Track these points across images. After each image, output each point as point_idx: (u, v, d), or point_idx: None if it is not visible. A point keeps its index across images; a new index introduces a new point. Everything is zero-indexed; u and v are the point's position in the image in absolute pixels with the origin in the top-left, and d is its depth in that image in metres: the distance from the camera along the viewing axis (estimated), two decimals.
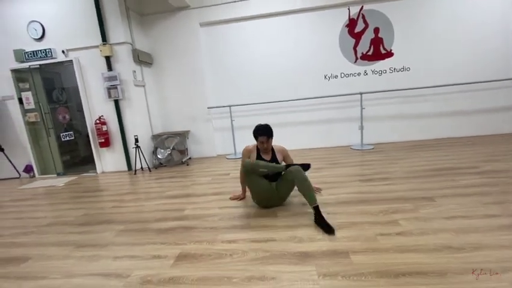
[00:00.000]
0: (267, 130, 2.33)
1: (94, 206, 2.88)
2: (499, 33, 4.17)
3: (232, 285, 1.42)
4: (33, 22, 4.20)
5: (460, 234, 1.69)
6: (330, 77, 4.55)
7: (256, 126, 2.38)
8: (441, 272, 1.36)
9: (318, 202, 2.05)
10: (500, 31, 4.16)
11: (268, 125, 2.38)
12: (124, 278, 1.57)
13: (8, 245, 2.16)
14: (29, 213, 2.89)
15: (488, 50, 4.22)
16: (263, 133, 2.31)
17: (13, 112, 4.54)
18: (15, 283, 1.63)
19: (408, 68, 4.39)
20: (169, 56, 4.76)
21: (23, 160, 4.68)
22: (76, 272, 1.68)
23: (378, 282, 1.34)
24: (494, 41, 4.19)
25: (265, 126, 2.35)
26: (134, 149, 4.21)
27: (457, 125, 4.47)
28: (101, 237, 2.12)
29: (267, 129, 2.34)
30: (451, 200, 2.18)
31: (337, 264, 1.51)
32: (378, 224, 1.91)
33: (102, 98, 4.30)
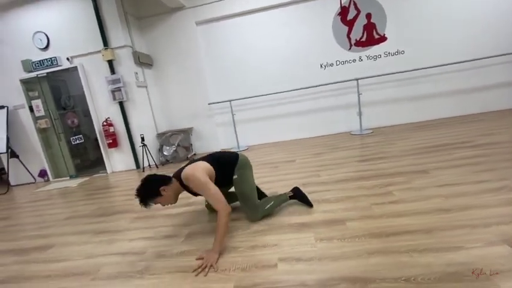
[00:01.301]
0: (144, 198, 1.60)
1: (107, 201, 3.06)
2: (492, 10, 4.19)
3: (238, 253, 1.56)
4: (38, 33, 4.39)
5: (449, 198, 1.80)
6: (326, 66, 4.65)
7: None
8: (428, 230, 1.48)
9: (317, 182, 2.17)
10: (493, 8, 4.18)
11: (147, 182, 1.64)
12: (140, 254, 1.72)
13: (32, 237, 2.35)
14: (47, 210, 3.08)
15: (482, 27, 4.24)
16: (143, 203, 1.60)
17: (25, 120, 4.75)
18: (43, 265, 1.80)
19: (403, 51, 4.45)
20: (168, 56, 4.91)
21: (37, 165, 4.90)
22: (96, 253, 1.84)
23: (371, 241, 1.46)
24: (486, 18, 4.21)
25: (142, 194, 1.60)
26: (141, 148, 4.38)
27: (455, 104, 4.51)
28: (117, 225, 2.29)
29: (144, 196, 1.60)
30: (444, 171, 2.28)
31: (333, 230, 1.64)
32: (373, 196, 2.02)
33: (107, 100, 4.47)
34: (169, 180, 1.70)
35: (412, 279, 1.14)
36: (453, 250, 1.29)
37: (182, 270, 1.48)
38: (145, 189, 1.61)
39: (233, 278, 1.35)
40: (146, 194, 1.60)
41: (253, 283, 1.28)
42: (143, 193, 1.60)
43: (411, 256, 1.29)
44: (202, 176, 1.64)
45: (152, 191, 1.62)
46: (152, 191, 1.62)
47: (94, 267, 1.65)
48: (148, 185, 1.63)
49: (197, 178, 1.62)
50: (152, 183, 1.64)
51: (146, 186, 1.62)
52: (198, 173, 1.65)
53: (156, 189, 1.62)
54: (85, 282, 1.52)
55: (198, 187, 1.64)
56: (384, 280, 1.17)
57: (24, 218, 2.96)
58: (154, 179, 1.67)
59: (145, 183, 1.63)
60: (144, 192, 1.60)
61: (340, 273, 1.26)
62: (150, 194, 1.61)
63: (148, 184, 1.63)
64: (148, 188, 1.62)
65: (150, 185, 1.63)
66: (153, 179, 1.67)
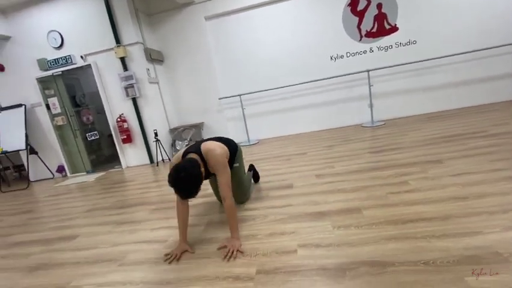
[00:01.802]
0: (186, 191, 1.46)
1: (125, 194, 3.17)
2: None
3: (257, 240, 1.62)
4: (52, 32, 4.50)
5: (466, 187, 1.81)
6: (336, 58, 4.62)
7: (170, 176, 1.45)
8: (445, 217, 1.50)
9: (331, 173, 2.20)
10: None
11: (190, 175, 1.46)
12: (163, 242, 1.80)
13: (57, 228, 2.47)
14: (68, 203, 3.21)
15: (495, 16, 4.12)
16: (182, 196, 1.50)
17: (42, 118, 4.90)
18: (71, 253, 1.90)
19: (415, 41, 4.38)
20: (178, 52, 4.97)
21: (55, 161, 5.07)
22: (120, 241, 1.94)
23: (387, 228, 1.49)
24: (499, 6, 4.10)
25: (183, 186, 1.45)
26: (155, 143, 4.47)
27: (468, 94, 4.43)
28: (137, 216, 2.38)
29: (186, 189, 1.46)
30: (458, 161, 2.28)
31: (350, 218, 1.67)
32: (388, 185, 2.04)
33: (120, 97, 4.57)
34: (197, 161, 1.55)
35: (431, 263, 1.18)
36: (470, 235, 1.31)
37: (206, 256, 1.55)
38: (192, 182, 1.45)
39: (255, 262, 1.41)
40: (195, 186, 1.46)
41: (274, 267, 1.34)
42: (192, 186, 1.45)
43: (429, 241, 1.32)
44: (224, 155, 1.69)
45: (197, 181, 1.48)
46: (198, 181, 1.48)
47: (120, 254, 1.74)
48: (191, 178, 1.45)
49: (220, 155, 1.64)
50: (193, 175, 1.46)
51: (191, 180, 1.45)
52: (221, 150, 1.69)
53: (199, 174, 1.49)
54: (113, 268, 1.60)
55: (217, 165, 1.62)
56: (403, 264, 1.20)
57: (47, 211, 3.10)
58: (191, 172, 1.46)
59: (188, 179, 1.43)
60: (193, 185, 1.45)
61: (358, 257, 1.30)
62: (197, 183, 1.47)
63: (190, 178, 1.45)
64: (194, 180, 1.46)
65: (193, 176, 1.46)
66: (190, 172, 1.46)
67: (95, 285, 1.46)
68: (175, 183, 1.42)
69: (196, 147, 1.71)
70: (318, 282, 1.19)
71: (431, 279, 1.09)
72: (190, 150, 1.71)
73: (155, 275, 1.45)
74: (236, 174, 1.99)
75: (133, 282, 1.43)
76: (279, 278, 1.26)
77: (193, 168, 1.49)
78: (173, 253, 1.58)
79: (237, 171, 2.00)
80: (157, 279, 1.41)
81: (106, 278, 1.51)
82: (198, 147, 1.71)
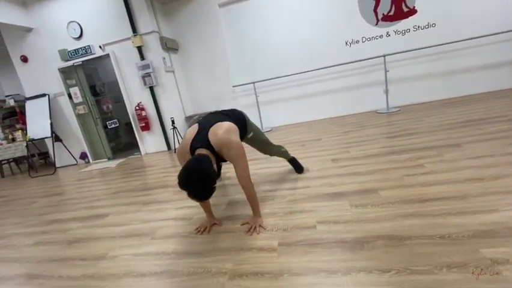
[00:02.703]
0: (200, 194, 1.35)
1: (148, 177, 3.34)
2: None
3: (278, 217, 1.72)
4: (71, 23, 4.64)
5: (482, 168, 1.83)
6: (352, 43, 4.55)
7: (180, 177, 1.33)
8: (461, 197, 1.55)
9: (347, 157, 2.25)
10: None
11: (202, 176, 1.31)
12: (188, 219, 1.94)
13: (89, 208, 2.66)
14: (95, 187, 3.42)
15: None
16: (197, 199, 1.39)
17: (65, 107, 5.13)
18: (105, 229, 2.07)
19: (434, 24, 4.25)
20: (192, 41, 5.02)
21: (78, 148, 5.33)
22: (149, 219, 2.09)
23: (404, 207, 1.56)
24: None
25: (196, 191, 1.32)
26: (172, 130, 4.62)
27: (489, 78, 4.30)
28: (162, 196, 2.53)
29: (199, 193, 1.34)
30: (476, 145, 2.28)
31: (367, 198, 1.74)
32: (404, 168, 2.09)
33: (138, 86, 4.71)
34: (208, 158, 1.42)
35: (447, 236, 1.24)
36: (486, 213, 1.36)
37: (230, 231, 1.67)
38: (206, 185, 1.32)
39: (276, 236, 1.51)
40: (209, 189, 1.33)
41: (295, 240, 1.44)
42: (207, 190, 1.33)
43: (445, 218, 1.38)
44: (240, 143, 1.53)
45: (211, 183, 1.34)
46: (212, 182, 1.34)
47: (151, 230, 1.89)
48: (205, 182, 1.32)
49: (237, 145, 1.49)
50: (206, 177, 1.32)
51: (205, 183, 1.31)
52: (235, 137, 1.53)
53: (212, 174, 1.36)
54: (146, 241, 1.75)
55: (236, 156, 1.49)
56: (419, 237, 1.27)
57: (76, 193, 3.31)
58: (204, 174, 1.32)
59: (202, 183, 1.30)
60: (207, 188, 1.33)
61: (376, 232, 1.38)
62: (211, 185, 1.34)
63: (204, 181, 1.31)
64: (208, 182, 1.32)
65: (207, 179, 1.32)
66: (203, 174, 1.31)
67: (131, 255, 1.62)
68: (187, 188, 1.30)
69: (204, 139, 1.49)
70: (337, 253, 1.28)
71: (446, 250, 1.16)
72: (197, 144, 1.50)
73: (185, 247, 1.59)
74: (255, 140, 1.95)
75: (165, 252, 1.57)
76: (300, 249, 1.36)
77: (205, 169, 1.32)
78: (203, 226, 1.72)
79: (255, 137, 1.92)
80: (187, 250, 1.55)
81: (140, 249, 1.66)
82: (206, 138, 1.48)
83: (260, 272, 1.25)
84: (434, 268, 1.07)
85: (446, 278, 1.02)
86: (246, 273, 1.26)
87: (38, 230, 2.33)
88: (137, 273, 1.42)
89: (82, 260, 1.68)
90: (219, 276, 1.27)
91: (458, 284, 0.98)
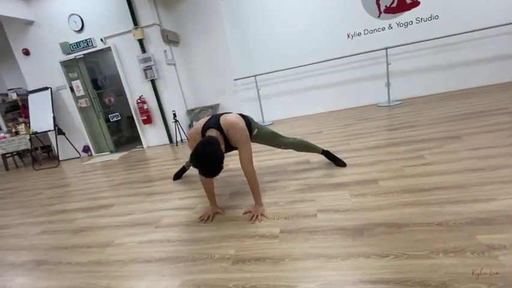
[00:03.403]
0: (211, 170, 1.44)
1: (151, 170, 3.38)
2: None
3: (278, 206, 1.75)
4: (73, 15, 4.62)
5: (481, 160, 1.85)
6: (354, 35, 4.53)
7: (192, 156, 1.43)
8: (459, 186, 1.57)
9: (347, 149, 2.28)
10: None
11: (213, 157, 1.43)
12: (192, 209, 1.98)
13: (93, 198, 2.71)
14: (99, 179, 3.47)
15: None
16: (207, 175, 1.47)
17: (67, 100, 5.15)
18: (110, 218, 2.12)
19: (437, 16, 4.21)
20: (193, 33, 5.00)
21: (80, 141, 5.37)
22: (153, 209, 2.13)
23: (403, 196, 1.59)
24: None
25: (207, 166, 1.43)
26: (174, 124, 4.65)
27: (491, 71, 4.27)
28: (165, 188, 2.57)
29: (209, 168, 1.44)
30: (477, 136, 2.29)
31: (367, 188, 1.77)
32: (404, 160, 2.11)
33: (140, 79, 4.72)
34: (217, 140, 1.53)
35: (444, 224, 1.27)
36: (484, 201, 1.39)
37: (232, 219, 1.71)
38: (215, 163, 1.42)
39: (278, 224, 1.55)
40: (218, 166, 1.43)
41: (297, 228, 1.48)
42: (215, 167, 1.43)
43: (443, 207, 1.41)
44: (246, 129, 1.68)
45: (219, 161, 1.43)
46: (219, 161, 1.44)
47: (155, 219, 1.94)
48: (214, 159, 1.42)
49: (242, 129, 1.64)
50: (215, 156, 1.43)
51: (214, 161, 1.42)
52: (242, 124, 1.67)
53: (220, 154, 1.46)
54: (150, 229, 1.80)
55: (241, 140, 1.64)
56: (417, 225, 1.31)
57: (80, 185, 3.36)
58: (213, 153, 1.44)
59: (211, 160, 1.42)
60: (216, 165, 1.43)
61: (376, 220, 1.41)
62: (219, 163, 1.43)
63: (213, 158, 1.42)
64: (216, 160, 1.42)
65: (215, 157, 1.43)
66: (212, 153, 1.44)
67: (137, 243, 1.66)
68: (198, 164, 1.42)
69: (216, 121, 1.67)
70: (337, 239, 1.32)
71: (443, 236, 1.19)
72: (210, 124, 1.67)
73: (189, 235, 1.63)
74: (262, 135, 2.05)
75: (170, 240, 1.61)
76: (301, 236, 1.39)
77: (214, 149, 1.45)
78: (206, 214, 1.77)
79: (261, 133, 2.02)
80: (191, 238, 1.59)
81: (145, 237, 1.70)
82: (217, 121, 1.67)
83: (262, 258, 1.29)
84: (431, 253, 1.11)
85: (443, 262, 1.05)
86: (248, 259, 1.30)
87: (44, 219, 2.38)
88: (142, 260, 1.47)
89: (89, 247, 1.73)
90: (222, 262, 1.31)
91: (455, 268, 1.01)
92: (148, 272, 1.36)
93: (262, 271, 1.20)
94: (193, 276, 1.26)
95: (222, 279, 1.20)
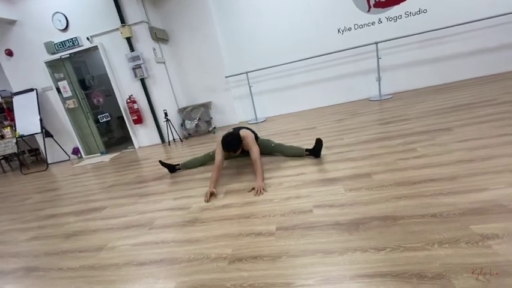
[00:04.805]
0: (234, 146, 2.32)
1: (143, 170, 3.32)
2: None
3: (275, 203, 1.75)
4: (56, 13, 4.48)
5: (472, 150, 1.88)
6: (344, 30, 4.53)
7: (223, 137, 2.34)
8: (452, 178, 1.59)
9: (341, 144, 2.28)
10: None
11: (236, 136, 2.36)
12: (186, 209, 1.95)
13: (85, 201, 2.64)
14: (90, 181, 3.39)
15: None
16: (229, 149, 2.32)
17: (54, 101, 5.01)
18: (103, 221, 2.07)
19: (425, 10, 4.25)
20: (183, 30, 4.92)
21: (70, 144, 5.25)
22: (147, 210, 2.09)
23: (397, 189, 1.60)
24: None
25: (232, 143, 2.32)
26: (165, 123, 4.58)
27: (479, 64, 4.35)
28: (158, 188, 2.53)
29: (234, 145, 2.32)
30: (467, 128, 2.33)
31: (361, 182, 1.78)
32: (397, 153, 2.13)
33: (129, 78, 4.63)
34: (239, 134, 2.41)
35: (438, 215, 1.29)
36: (476, 192, 1.41)
37: (228, 218, 1.69)
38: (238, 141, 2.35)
39: (274, 221, 1.54)
40: (238, 144, 2.35)
41: (293, 224, 1.47)
42: (237, 144, 2.33)
43: (437, 198, 1.42)
44: (254, 139, 2.46)
45: (239, 142, 2.36)
46: (239, 142, 2.36)
47: (149, 220, 1.90)
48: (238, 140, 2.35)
49: (252, 138, 2.43)
50: (238, 139, 2.36)
51: (238, 140, 2.35)
52: (252, 137, 2.46)
53: (239, 140, 2.37)
54: (144, 231, 1.76)
55: (250, 143, 2.35)
56: (412, 217, 1.32)
57: (71, 188, 3.28)
58: (238, 138, 2.37)
59: (237, 138, 2.36)
60: (237, 143, 2.34)
61: (371, 214, 1.41)
62: (239, 143, 2.35)
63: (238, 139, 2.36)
64: (238, 140, 2.35)
65: (239, 140, 2.36)
66: (237, 138, 2.37)
67: (130, 245, 1.63)
68: (226, 141, 2.31)
69: (237, 131, 2.48)
70: (334, 234, 1.32)
71: (438, 228, 1.20)
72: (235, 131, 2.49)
73: (184, 235, 1.61)
74: (263, 142, 2.69)
75: (164, 241, 1.58)
76: (298, 233, 1.39)
77: (238, 135, 2.38)
78: (205, 196, 2.05)
79: (262, 141, 2.69)
80: (186, 238, 1.57)
81: (139, 239, 1.67)
82: (238, 131, 2.46)
83: (259, 256, 1.28)
84: (426, 245, 1.12)
85: (438, 253, 1.06)
86: (245, 257, 1.28)
87: (34, 225, 2.31)
88: (137, 262, 1.44)
89: (81, 252, 1.69)
90: (219, 261, 1.30)
91: (450, 259, 1.02)
92: (143, 274, 1.33)
93: (259, 269, 1.19)
94: (190, 277, 1.24)
95: (219, 279, 1.18)
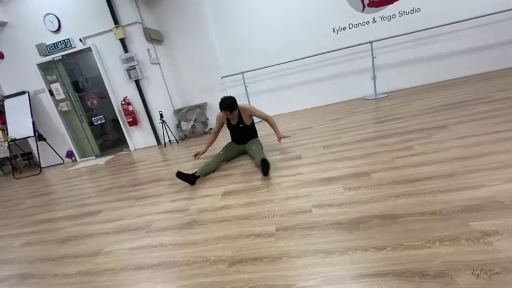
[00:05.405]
0: (229, 105, 2.52)
1: (139, 173, 3.28)
2: None
3: (273, 204, 1.73)
4: (48, 15, 4.41)
5: (468, 148, 1.90)
6: (339, 30, 4.55)
7: (221, 99, 2.56)
8: (449, 175, 1.60)
9: (338, 143, 2.29)
10: None
11: (232, 98, 2.56)
12: (184, 211, 1.93)
13: (80, 205, 2.60)
14: (85, 184, 3.34)
15: None
16: (225, 107, 2.53)
17: (47, 104, 4.93)
18: (98, 225, 2.04)
19: (419, 9, 4.28)
20: (177, 31, 4.89)
21: (63, 147, 5.16)
22: (144, 213, 2.06)
23: (395, 187, 1.60)
24: None
25: (227, 101, 2.52)
26: (161, 125, 4.53)
27: (472, 62, 4.40)
28: (155, 190, 2.50)
29: (228, 103, 2.52)
30: (463, 125, 2.35)
31: (359, 181, 1.78)
32: (394, 151, 2.13)
33: (123, 80, 4.57)
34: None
35: (437, 213, 1.29)
36: (473, 188, 1.41)
37: (227, 219, 1.67)
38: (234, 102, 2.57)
39: (273, 222, 1.53)
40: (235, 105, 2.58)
41: (292, 225, 1.46)
42: (233, 104, 2.56)
43: (435, 196, 1.42)
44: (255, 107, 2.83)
45: (236, 104, 2.60)
46: (236, 104, 2.60)
47: (146, 223, 1.87)
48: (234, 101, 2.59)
49: (254, 107, 2.80)
50: (234, 101, 2.59)
51: (234, 101, 2.58)
52: (252, 106, 2.82)
53: (235, 101, 2.60)
54: (141, 235, 1.74)
55: (256, 111, 2.73)
56: (411, 215, 1.31)
57: (65, 192, 3.23)
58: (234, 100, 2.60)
59: (233, 99, 2.57)
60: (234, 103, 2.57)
61: (370, 213, 1.41)
62: (236, 104, 2.60)
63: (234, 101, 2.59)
64: (234, 101, 2.58)
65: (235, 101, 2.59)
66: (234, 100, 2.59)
67: (127, 249, 1.60)
68: (224, 102, 2.54)
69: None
70: (334, 234, 1.31)
71: (438, 225, 1.20)
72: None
73: (182, 238, 1.58)
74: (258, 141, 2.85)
75: (162, 244, 1.56)
76: (298, 233, 1.38)
77: (234, 98, 2.60)
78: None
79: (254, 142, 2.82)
80: (184, 241, 1.54)
81: (137, 243, 1.64)
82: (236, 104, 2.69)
83: (259, 257, 1.26)
84: (427, 242, 1.11)
85: (439, 251, 1.06)
86: (245, 259, 1.27)
87: (28, 230, 2.26)
88: (134, 267, 1.41)
89: (77, 257, 1.65)
90: (218, 264, 1.28)
91: (451, 256, 1.02)
92: (141, 279, 1.31)
93: (259, 271, 1.17)
94: (189, 281, 1.22)
95: (219, 282, 1.17)
